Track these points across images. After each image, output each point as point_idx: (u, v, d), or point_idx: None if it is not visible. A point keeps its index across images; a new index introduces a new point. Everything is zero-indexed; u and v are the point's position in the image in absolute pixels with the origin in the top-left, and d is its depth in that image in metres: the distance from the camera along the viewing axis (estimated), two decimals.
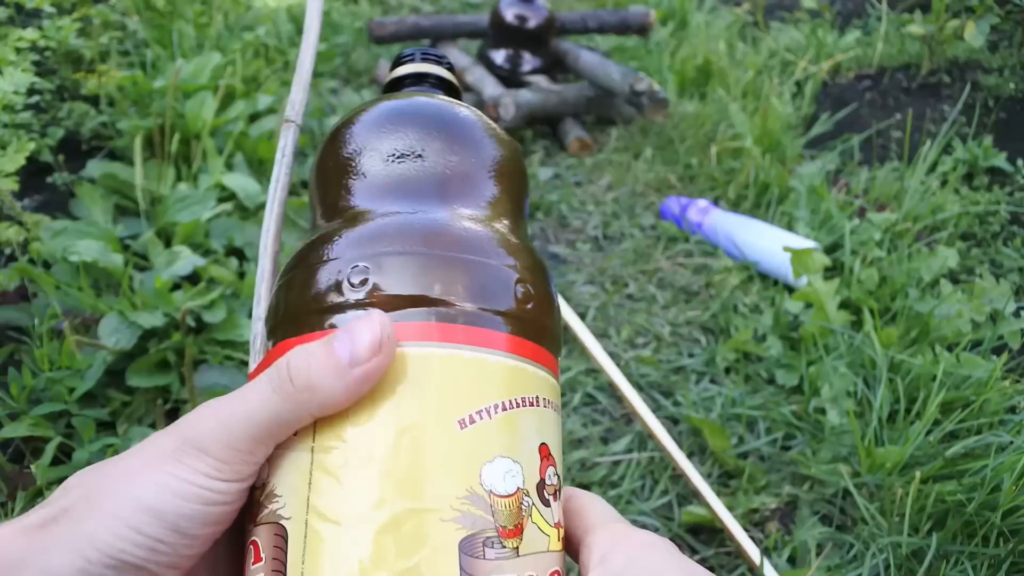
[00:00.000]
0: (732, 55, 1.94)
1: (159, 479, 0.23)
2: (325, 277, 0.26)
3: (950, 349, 0.98)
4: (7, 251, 1.02)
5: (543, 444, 0.26)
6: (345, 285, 0.26)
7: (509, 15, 1.81)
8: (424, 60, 0.35)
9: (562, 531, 0.26)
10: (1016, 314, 1.04)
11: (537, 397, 0.26)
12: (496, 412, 0.25)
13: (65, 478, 0.75)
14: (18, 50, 1.12)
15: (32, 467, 0.73)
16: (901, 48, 1.97)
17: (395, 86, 0.35)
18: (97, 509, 0.23)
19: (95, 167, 1.16)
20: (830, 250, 1.23)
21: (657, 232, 1.37)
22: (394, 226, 0.27)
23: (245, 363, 0.91)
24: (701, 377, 1.04)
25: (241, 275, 1.06)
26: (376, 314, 0.24)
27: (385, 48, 2.04)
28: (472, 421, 0.24)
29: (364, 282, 0.25)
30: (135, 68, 1.48)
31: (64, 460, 0.78)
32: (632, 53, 2.14)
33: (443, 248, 0.26)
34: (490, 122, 0.32)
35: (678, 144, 1.62)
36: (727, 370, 1.05)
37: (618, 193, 1.50)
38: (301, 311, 0.27)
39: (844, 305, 1.09)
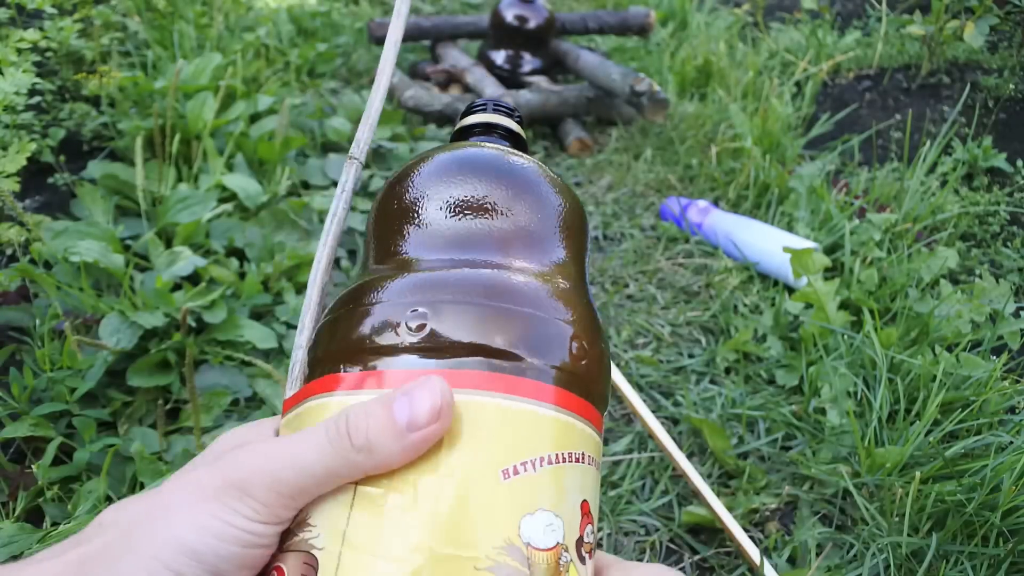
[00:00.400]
0: (732, 56, 1.94)
1: (199, 520, 0.23)
2: (380, 317, 0.26)
3: (950, 349, 0.98)
4: (8, 251, 1.02)
5: (584, 501, 0.26)
6: (402, 328, 0.26)
7: (509, 16, 1.81)
8: (496, 111, 0.35)
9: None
10: (1016, 314, 1.04)
11: (583, 454, 0.26)
12: (542, 465, 0.25)
13: (65, 478, 0.75)
14: (19, 51, 1.13)
15: (33, 467, 0.73)
16: (901, 49, 1.97)
17: (463, 135, 0.35)
18: (135, 550, 0.23)
19: (96, 168, 1.17)
20: (830, 250, 1.23)
21: (657, 232, 1.37)
22: (455, 276, 0.27)
23: (246, 363, 0.91)
24: (701, 377, 1.04)
25: (241, 275, 1.06)
26: (436, 380, 0.24)
27: None
28: (516, 472, 0.24)
29: (422, 327, 0.25)
30: (136, 69, 1.48)
31: (65, 460, 0.78)
32: (632, 54, 2.14)
33: (502, 300, 0.26)
34: (556, 176, 0.32)
35: (678, 145, 1.62)
36: (727, 370, 1.05)
37: (618, 194, 1.50)
38: (350, 348, 0.27)
39: (844, 305, 1.09)
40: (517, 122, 0.35)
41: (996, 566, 0.73)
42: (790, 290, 1.17)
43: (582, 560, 0.25)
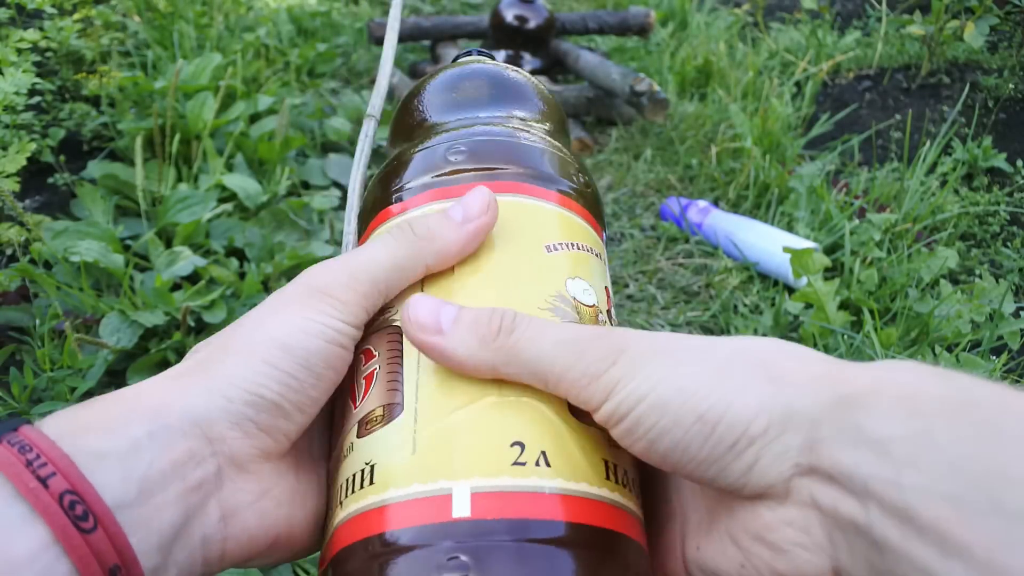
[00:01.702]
0: (732, 56, 1.94)
1: (287, 318, 0.25)
2: (425, 158, 0.31)
3: (950, 349, 0.99)
4: (8, 251, 1.02)
5: (606, 287, 0.30)
6: (445, 159, 0.31)
7: (509, 16, 1.81)
8: (480, 55, 0.40)
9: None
10: (1016, 314, 1.04)
11: (599, 253, 0.31)
12: (575, 248, 0.29)
13: None
14: (19, 51, 1.13)
15: None
16: (901, 49, 1.97)
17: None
18: (233, 352, 0.24)
19: (96, 168, 1.17)
20: (830, 250, 1.23)
21: (657, 233, 1.37)
22: (480, 128, 0.32)
23: None
24: None
25: (241, 275, 1.06)
26: (482, 188, 0.28)
27: None
28: (557, 248, 0.28)
29: (462, 155, 0.30)
30: (136, 69, 1.48)
31: None
32: (632, 54, 2.14)
33: (527, 139, 0.32)
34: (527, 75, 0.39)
35: (678, 145, 1.62)
36: None
37: (618, 194, 1.50)
38: (402, 185, 0.31)
39: (844, 305, 1.09)
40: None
41: None
42: (790, 290, 1.17)
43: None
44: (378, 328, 0.27)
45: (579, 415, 0.24)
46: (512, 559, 0.21)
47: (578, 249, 0.29)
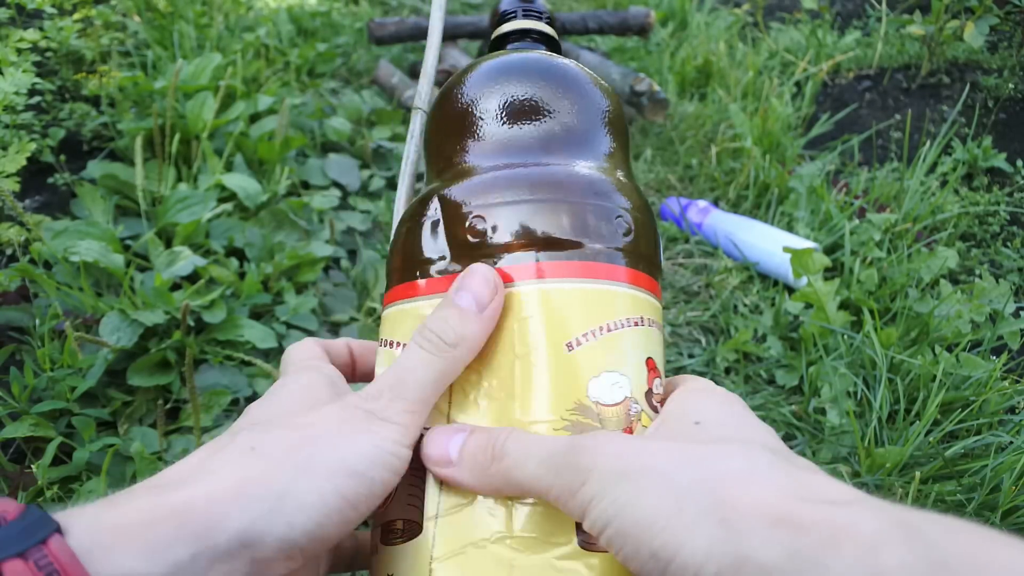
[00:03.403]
0: (732, 56, 1.94)
1: (360, 447, 0.25)
2: (443, 227, 0.30)
3: (950, 349, 0.98)
4: (8, 251, 1.02)
5: (649, 358, 0.28)
6: (466, 233, 0.29)
7: None
8: (526, 16, 0.36)
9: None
10: (1016, 314, 1.04)
11: (641, 317, 0.29)
12: (601, 333, 0.27)
13: (65, 478, 0.75)
14: (19, 51, 1.13)
15: (33, 467, 0.73)
16: (901, 49, 1.97)
17: (500, 43, 0.36)
18: (306, 471, 0.24)
19: (96, 167, 1.16)
20: (830, 250, 1.23)
21: None
22: (506, 175, 0.30)
23: (245, 363, 0.91)
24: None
25: (241, 275, 1.06)
26: (477, 266, 0.28)
27: (385, 49, 2.04)
28: (579, 344, 0.27)
29: (482, 232, 0.29)
30: (136, 69, 1.48)
31: (65, 460, 0.78)
32: (632, 53, 2.14)
33: (551, 193, 0.29)
34: (594, 74, 0.34)
35: (678, 145, 1.62)
36: (727, 370, 1.05)
37: None
38: (421, 257, 0.30)
39: (844, 305, 1.09)
40: (547, 23, 0.36)
41: None
42: (790, 290, 1.17)
43: (653, 408, 0.28)
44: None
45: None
46: None
47: (609, 331, 0.28)
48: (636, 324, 0.28)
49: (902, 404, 0.89)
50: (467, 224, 0.29)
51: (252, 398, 0.91)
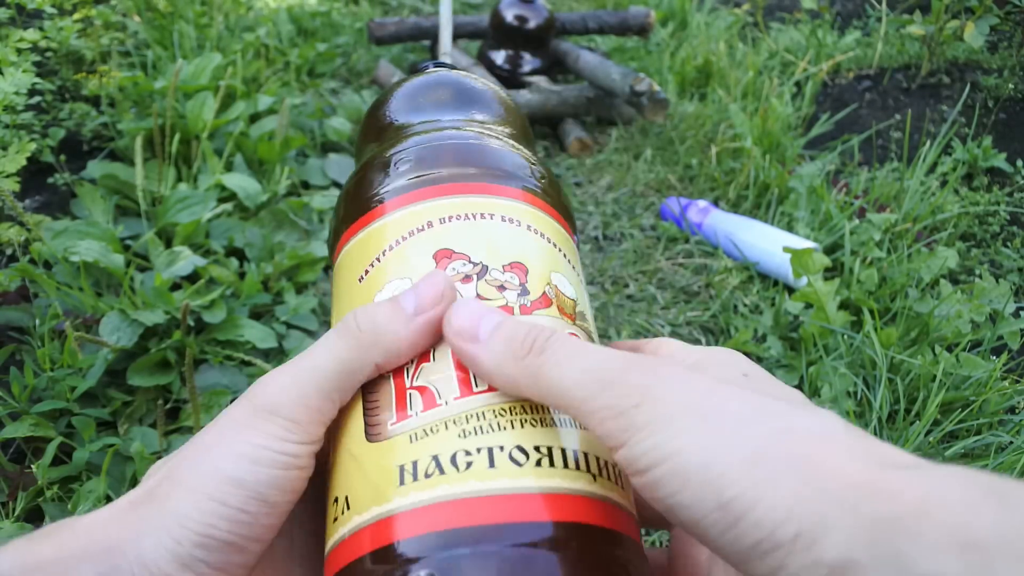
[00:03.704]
0: (732, 55, 1.94)
1: (235, 448, 0.23)
2: (378, 170, 0.32)
3: (950, 349, 0.99)
4: (8, 251, 1.02)
5: (438, 250, 0.27)
6: (393, 169, 0.31)
7: (509, 16, 1.81)
8: (437, 67, 0.42)
9: (489, 303, 0.27)
10: (1016, 314, 1.04)
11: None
12: (386, 254, 0.28)
13: (65, 478, 0.75)
14: (19, 51, 1.13)
15: (33, 467, 0.73)
16: (901, 49, 1.97)
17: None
18: (180, 486, 0.23)
19: (96, 167, 1.16)
20: (830, 250, 1.23)
21: (657, 233, 1.37)
22: (447, 133, 0.33)
23: (245, 363, 0.91)
24: None
25: (241, 275, 1.06)
26: (436, 272, 0.26)
27: (385, 49, 2.04)
28: (367, 272, 0.28)
29: (408, 169, 0.31)
30: (136, 69, 1.48)
31: (65, 460, 0.78)
32: (632, 53, 2.14)
33: (489, 142, 0.33)
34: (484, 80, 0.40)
35: (678, 144, 1.62)
36: None
37: (618, 194, 1.50)
38: (363, 201, 0.31)
39: (844, 305, 1.09)
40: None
41: None
42: (790, 290, 1.17)
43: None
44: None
45: None
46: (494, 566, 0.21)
47: (394, 247, 0.28)
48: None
49: (902, 404, 0.89)
50: (417, 161, 0.31)
51: None
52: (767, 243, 1.21)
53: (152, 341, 0.90)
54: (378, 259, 0.28)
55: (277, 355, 0.96)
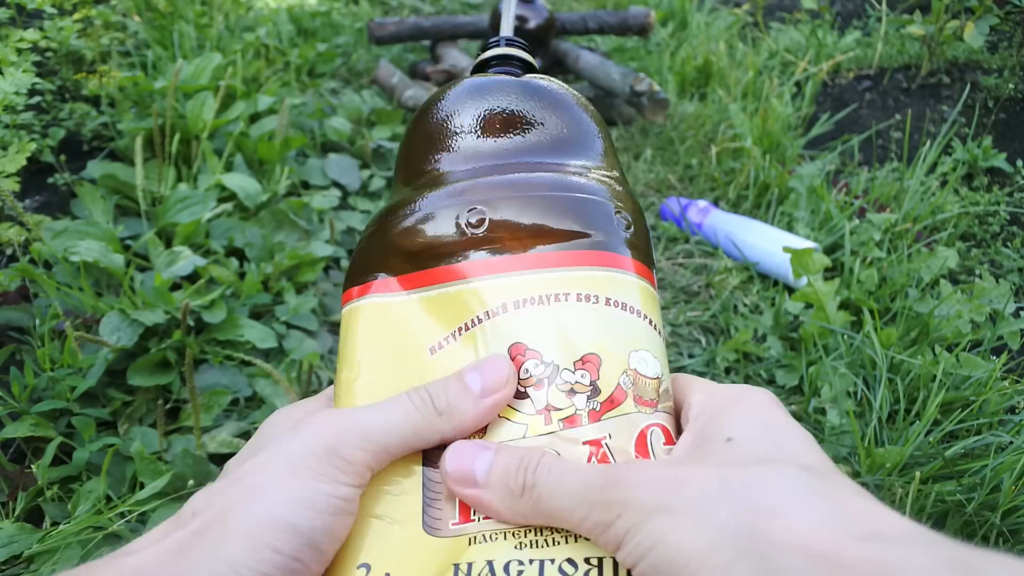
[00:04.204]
0: (732, 56, 1.94)
1: (293, 493, 0.24)
2: (435, 219, 0.29)
3: (950, 349, 0.99)
4: (8, 251, 1.02)
5: (512, 345, 0.27)
6: (463, 223, 0.29)
7: None
8: (509, 45, 0.37)
9: (559, 412, 0.27)
10: (1016, 314, 1.04)
11: (504, 304, 0.28)
12: (461, 334, 0.28)
13: (65, 478, 0.75)
14: (19, 51, 1.13)
15: (33, 467, 0.73)
16: (901, 49, 1.97)
17: (481, 68, 0.37)
18: (234, 531, 0.23)
19: (96, 167, 1.16)
20: (830, 250, 1.23)
21: (657, 233, 1.37)
22: (495, 178, 0.30)
23: (245, 363, 0.91)
24: (701, 377, 1.04)
25: (241, 275, 1.06)
26: (502, 356, 0.27)
27: (385, 49, 2.04)
28: (440, 347, 0.28)
29: (481, 221, 0.29)
30: (136, 69, 1.48)
31: (65, 460, 0.78)
32: (632, 54, 2.14)
33: (552, 190, 0.29)
34: (577, 93, 0.35)
35: (678, 145, 1.62)
36: (727, 370, 1.05)
37: None
38: (403, 250, 0.29)
39: (844, 305, 1.09)
40: (528, 52, 0.37)
41: None
42: (790, 290, 1.17)
43: (521, 395, 0.27)
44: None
45: None
46: None
47: (466, 330, 0.28)
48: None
49: (902, 404, 0.89)
50: (464, 216, 0.29)
51: (252, 398, 0.91)
52: (767, 243, 1.21)
53: (152, 341, 0.90)
54: (454, 336, 0.28)
55: (277, 355, 0.96)
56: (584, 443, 0.26)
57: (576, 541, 0.24)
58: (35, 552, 0.66)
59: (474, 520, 0.25)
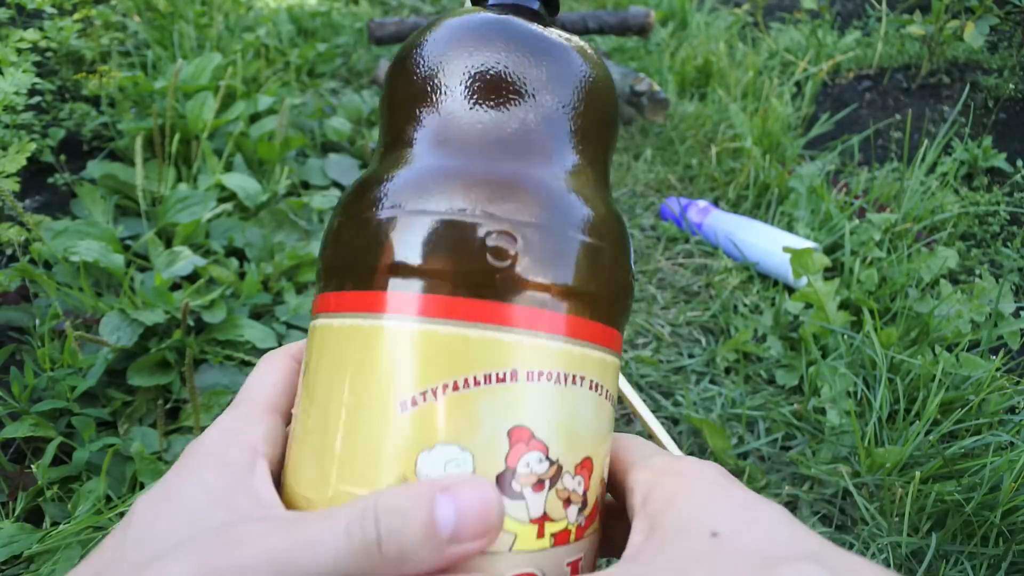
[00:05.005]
0: (732, 56, 1.94)
1: None
2: (451, 232, 0.22)
3: (950, 349, 0.99)
4: (8, 251, 1.02)
5: (517, 427, 0.22)
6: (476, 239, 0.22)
7: None
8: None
9: (553, 525, 0.23)
10: (1016, 314, 1.04)
11: (515, 371, 0.22)
12: (443, 393, 0.21)
13: (65, 478, 0.75)
14: (19, 51, 1.13)
15: (33, 467, 0.73)
16: (901, 49, 1.97)
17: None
18: None
19: (96, 167, 1.17)
20: (830, 250, 1.23)
21: (657, 232, 1.37)
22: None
23: (245, 363, 0.91)
24: (701, 377, 1.04)
25: (241, 275, 1.06)
26: (488, 485, 0.21)
27: (385, 49, 2.04)
28: (415, 404, 0.21)
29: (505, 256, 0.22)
30: (136, 69, 1.48)
31: (65, 460, 0.78)
32: (632, 53, 2.14)
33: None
34: (591, 52, 0.28)
35: (678, 144, 1.62)
36: (727, 370, 1.05)
37: (618, 194, 1.50)
38: (360, 264, 0.23)
39: (844, 305, 1.09)
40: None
41: (996, 566, 0.73)
42: (790, 290, 1.17)
43: (513, 496, 0.22)
44: None
45: None
46: None
47: (456, 390, 0.22)
48: (500, 380, 0.22)
49: (902, 404, 0.89)
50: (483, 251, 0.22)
51: None
52: (767, 243, 1.21)
53: (152, 341, 0.90)
54: (436, 393, 0.21)
55: None
56: (567, 564, 0.22)
57: None
58: (35, 552, 0.66)
59: None
